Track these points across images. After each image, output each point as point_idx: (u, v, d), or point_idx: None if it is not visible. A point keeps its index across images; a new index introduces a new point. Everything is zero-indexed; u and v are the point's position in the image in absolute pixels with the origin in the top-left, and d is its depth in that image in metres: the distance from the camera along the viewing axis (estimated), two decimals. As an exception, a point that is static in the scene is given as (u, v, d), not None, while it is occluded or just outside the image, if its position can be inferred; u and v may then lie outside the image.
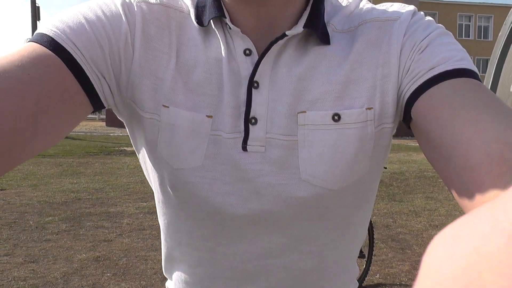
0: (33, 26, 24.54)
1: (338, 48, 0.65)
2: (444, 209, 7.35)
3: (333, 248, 0.74)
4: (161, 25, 0.65)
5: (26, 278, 4.03)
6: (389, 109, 0.64)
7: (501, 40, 3.06)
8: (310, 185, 0.65)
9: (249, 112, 0.64)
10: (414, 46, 0.62)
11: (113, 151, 15.79)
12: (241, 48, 0.64)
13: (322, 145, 0.64)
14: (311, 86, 0.64)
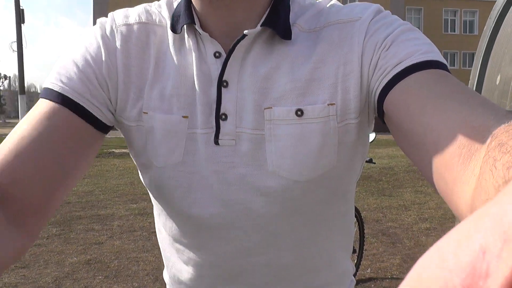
0: (18, 29, 24.30)
1: (302, 48, 0.68)
2: (433, 202, 7.41)
3: (311, 244, 0.78)
4: (141, 44, 0.73)
5: (17, 284, 4.00)
6: (351, 105, 0.67)
7: (486, 34, 3.09)
8: (277, 176, 0.69)
9: (219, 109, 0.69)
10: (377, 44, 0.64)
11: (101, 153, 15.70)
12: (211, 51, 0.70)
13: (287, 138, 0.68)
14: (276, 84, 0.68)
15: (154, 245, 5.07)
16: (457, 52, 43.11)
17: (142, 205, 7.10)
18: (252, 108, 0.69)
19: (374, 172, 9.98)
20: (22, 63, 24.51)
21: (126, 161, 12.94)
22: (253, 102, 0.69)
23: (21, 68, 24.52)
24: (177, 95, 0.71)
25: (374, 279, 4.16)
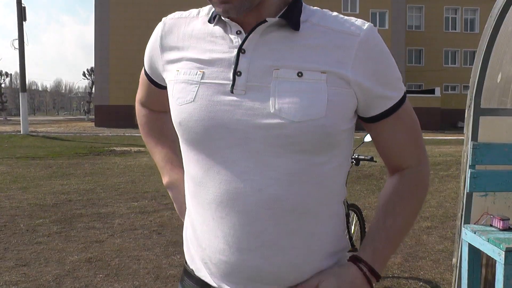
0: (19, 26, 24.29)
1: (307, 37, 0.96)
2: (434, 200, 7.41)
3: (298, 183, 0.95)
4: (176, 33, 1.07)
5: (17, 282, 4.00)
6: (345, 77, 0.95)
7: (487, 32, 3.08)
8: (277, 116, 0.92)
9: (236, 68, 0.95)
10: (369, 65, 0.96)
11: (102, 151, 15.71)
12: (235, 30, 0.97)
13: (288, 91, 0.93)
14: (284, 54, 0.95)
15: (155, 244, 5.07)
16: (458, 50, 43.03)
17: (143, 203, 7.10)
18: (262, 68, 0.95)
19: (375, 170, 9.97)
20: (24, 60, 24.50)
21: (127, 159, 12.95)
22: (264, 64, 0.95)
23: (22, 66, 24.51)
24: (196, 58, 1.01)
25: (375, 277, 4.15)
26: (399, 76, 1.01)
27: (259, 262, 0.97)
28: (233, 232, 0.96)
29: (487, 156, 3.06)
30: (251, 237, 0.96)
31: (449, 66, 43.20)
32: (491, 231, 2.85)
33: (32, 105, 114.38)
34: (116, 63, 36.75)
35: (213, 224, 0.99)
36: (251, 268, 0.97)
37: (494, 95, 3.26)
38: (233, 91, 0.95)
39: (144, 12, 36.95)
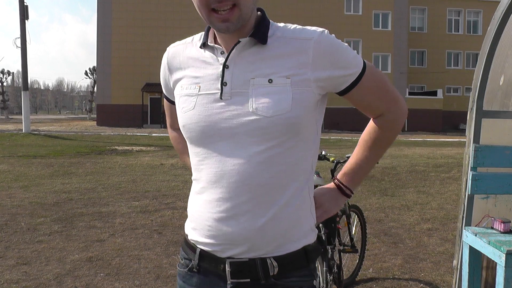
0: (22, 25, 24.32)
1: (274, 48, 1.25)
2: (435, 202, 7.40)
3: (272, 164, 1.22)
4: (178, 57, 1.38)
5: (18, 280, 4.00)
6: (305, 80, 1.23)
7: (490, 35, 3.08)
8: (255, 114, 1.21)
9: (223, 79, 1.25)
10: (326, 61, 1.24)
11: (104, 150, 15.72)
12: (219, 51, 1.28)
13: (262, 94, 1.21)
14: (258, 67, 1.23)
15: (156, 243, 5.07)
16: (460, 52, 42.98)
17: (144, 203, 7.11)
18: (242, 78, 1.24)
19: (377, 172, 9.96)
20: (26, 59, 24.53)
21: (128, 159, 12.96)
22: (243, 75, 1.24)
23: (24, 64, 24.55)
24: (193, 76, 1.31)
25: (376, 279, 4.15)
26: (354, 55, 1.27)
27: (234, 227, 1.23)
28: (218, 203, 1.25)
29: (488, 158, 3.06)
30: (230, 207, 1.23)
31: (452, 68, 43.14)
32: (492, 233, 2.85)
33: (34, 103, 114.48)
34: (118, 62, 36.77)
35: (205, 198, 1.29)
36: (228, 232, 1.24)
37: (497, 98, 3.26)
38: (221, 97, 1.25)
39: (146, 11, 36.97)
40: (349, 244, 3.82)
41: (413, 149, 16.42)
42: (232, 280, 1.26)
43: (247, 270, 1.25)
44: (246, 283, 1.26)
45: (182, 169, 10.45)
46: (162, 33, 36.84)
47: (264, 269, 1.24)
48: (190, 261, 1.36)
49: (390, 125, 1.41)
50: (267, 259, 1.24)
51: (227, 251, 1.26)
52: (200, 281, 1.34)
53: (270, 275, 1.25)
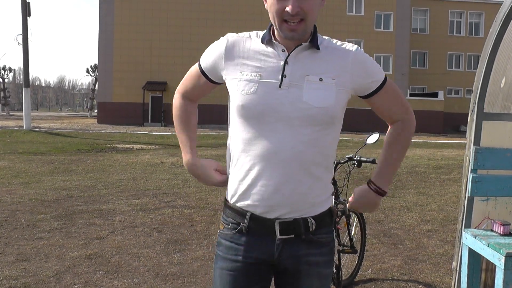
0: (24, 22, 24.32)
1: (323, 54, 1.58)
2: (435, 204, 7.40)
3: (315, 145, 1.55)
4: (237, 45, 1.62)
5: (17, 277, 4.01)
6: (344, 83, 1.57)
7: (492, 37, 3.08)
8: (307, 103, 1.52)
9: (283, 72, 1.54)
10: (359, 69, 1.59)
11: (104, 148, 15.73)
12: (280, 49, 1.57)
13: (313, 89, 1.53)
14: (311, 67, 1.56)
15: (155, 241, 5.08)
16: (462, 54, 42.95)
17: (144, 201, 7.11)
18: (299, 74, 1.55)
19: (377, 172, 9.96)
20: (27, 56, 24.53)
21: (129, 157, 12.96)
22: (300, 72, 1.55)
23: (26, 61, 24.54)
24: (256, 66, 1.58)
25: (375, 280, 4.15)
26: (379, 68, 1.64)
27: (286, 193, 1.55)
28: (272, 174, 1.55)
29: (489, 160, 3.06)
30: (281, 177, 1.54)
31: (453, 70, 43.12)
32: (491, 236, 2.85)
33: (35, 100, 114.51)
34: (120, 60, 36.77)
35: (257, 171, 1.56)
36: (278, 198, 1.55)
37: (498, 100, 3.26)
38: (281, 86, 1.54)
39: (148, 10, 36.95)
40: (349, 244, 3.82)
41: (413, 150, 16.41)
42: (280, 237, 1.58)
43: (292, 227, 1.58)
44: (290, 238, 1.59)
45: (182, 168, 10.45)
46: (164, 31, 36.83)
47: (305, 226, 1.59)
48: (238, 224, 1.62)
49: (406, 130, 1.73)
50: (308, 218, 1.59)
51: (275, 213, 1.57)
52: (249, 239, 1.61)
53: (310, 231, 1.59)
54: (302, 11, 1.48)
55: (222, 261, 1.65)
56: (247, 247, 1.61)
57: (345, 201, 3.78)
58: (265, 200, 1.56)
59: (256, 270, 1.62)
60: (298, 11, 1.48)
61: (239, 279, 1.62)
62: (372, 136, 3.81)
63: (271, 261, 1.61)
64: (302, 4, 1.48)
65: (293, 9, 1.47)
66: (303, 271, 1.61)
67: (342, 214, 3.72)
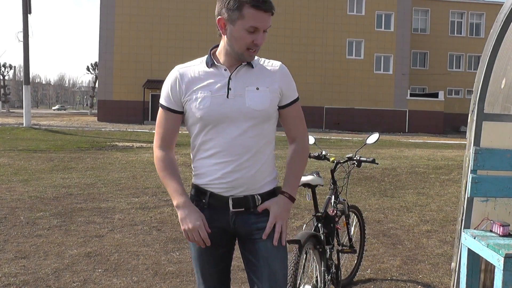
0: (24, 19, 24.31)
1: (257, 71, 2.06)
2: (435, 204, 7.40)
3: (258, 137, 2.01)
4: (188, 75, 2.04)
5: (16, 274, 4.01)
6: (275, 90, 2.05)
7: (492, 37, 3.07)
8: (249, 108, 1.98)
9: (228, 85, 2.00)
10: (284, 81, 2.09)
11: (104, 146, 15.73)
12: (222, 69, 2.03)
13: (253, 96, 2.00)
14: (249, 80, 2.02)
15: (155, 240, 5.08)
16: (462, 55, 42.95)
17: (143, 199, 7.11)
18: (240, 86, 2.00)
19: (377, 172, 9.96)
20: (28, 53, 24.51)
21: (128, 155, 12.96)
22: (241, 84, 2.01)
23: (26, 58, 24.53)
24: (207, 85, 2.00)
25: (374, 280, 4.15)
26: (295, 87, 2.12)
27: (238, 176, 2.00)
28: (227, 162, 2.00)
29: (489, 161, 3.06)
30: (235, 164, 1.99)
31: (454, 70, 43.13)
32: (491, 236, 2.85)
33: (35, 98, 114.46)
34: (120, 58, 36.76)
35: (216, 160, 2.01)
36: (234, 179, 2.00)
37: (498, 101, 3.26)
38: (228, 97, 1.98)
39: (149, 7, 36.93)
40: (348, 244, 3.82)
41: (413, 150, 16.42)
42: (233, 210, 2.04)
43: (243, 202, 2.03)
44: (241, 211, 2.04)
45: (182, 167, 10.45)
46: (165, 29, 36.81)
47: (253, 202, 2.04)
48: (201, 201, 2.07)
49: (304, 147, 2.17)
50: (255, 195, 2.04)
51: (230, 192, 2.02)
52: (210, 212, 2.06)
53: (257, 205, 2.04)
54: (260, 43, 1.98)
55: None
56: (209, 218, 2.04)
57: (345, 201, 3.79)
58: (222, 184, 2.02)
59: (220, 236, 2.07)
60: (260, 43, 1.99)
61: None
62: (372, 136, 3.81)
63: (229, 229, 2.07)
64: (263, 39, 1.98)
65: (260, 42, 1.96)
66: (256, 235, 2.04)
67: (342, 214, 3.72)
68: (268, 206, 2.04)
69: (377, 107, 37.81)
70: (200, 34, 36.15)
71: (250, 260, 2.06)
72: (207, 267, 2.12)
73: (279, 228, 2.02)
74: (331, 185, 3.73)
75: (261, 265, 2.03)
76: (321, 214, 3.39)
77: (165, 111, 2.08)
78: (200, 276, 2.15)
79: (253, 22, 1.90)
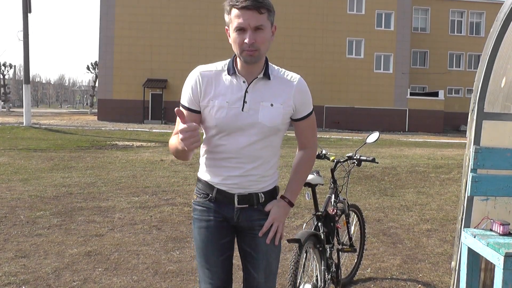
0: (24, 18, 24.30)
1: (274, 83, 2.13)
2: (435, 203, 7.40)
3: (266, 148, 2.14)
4: (208, 80, 2.12)
5: (17, 273, 4.01)
6: (289, 106, 2.14)
7: (493, 36, 3.07)
8: (261, 123, 2.08)
9: (245, 99, 2.08)
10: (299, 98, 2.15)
11: (104, 145, 15.73)
12: (241, 80, 2.10)
13: (266, 112, 2.09)
14: (265, 95, 2.11)
15: (155, 239, 5.08)
16: (462, 54, 42.93)
17: (143, 199, 7.11)
18: (256, 101, 2.08)
19: (377, 171, 9.96)
20: (28, 52, 24.51)
21: (128, 154, 12.95)
22: (256, 99, 2.09)
23: (26, 58, 24.53)
24: (226, 96, 2.09)
25: (374, 279, 4.15)
26: (311, 101, 2.22)
27: (243, 180, 2.15)
28: (236, 167, 2.13)
29: (489, 160, 3.06)
30: (243, 170, 2.13)
31: (454, 69, 43.10)
32: (491, 235, 2.85)
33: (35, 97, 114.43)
34: (121, 57, 36.75)
35: (226, 164, 2.14)
36: (239, 183, 2.15)
37: (498, 100, 3.26)
38: (243, 110, 2.07)
39: (149, 7, 36.91)
40: (348, 243, 3.82)
41: (413, 149, 16.42)
42: (238, 206, 2.18)
43: (247, 199, 2.18)
44: (246, 207, 2.18)
45: (182, 166, 10.45)
46: (165, 29, 36.79)
47: (256, 199, 2.18)
48: (208, 195, 2.21)
49: (311, 156, 2.32)
50: (259, 193, 2.19)
51: (236, 191, 2.17)
52: (216, 205, 2.21)
53: (260, 202, 2.19)
54: (256, 42, 1.98)
55: (199, 222, 2.23)
56: (216, 209, 2.20)
57: (345, 200, 3.79)
58: (227, 184, 2.17)
59: (225, 226, 2.21)
60: (253, 42, 1.97)
61: (214, 232, 2.21)
62: (372, 135, 3.81)
63: (233, 222, 2.21)
64: (256, 37, 1.98)
65: (249, 40, 1.96)
66: (256, 230, 2.19)
67: (342, 213, 3.72)
68: (270, 207, 2.20)
69: (377, 106, 37.80)
70: (200, 33, 36.14)
71: (249, 253, 2.22)
72: (212, 256, 2.20)
73: (275, 228, 2.19)
74: (331, 184, 3.73)
75: (259, 258, 2.21)
76: (321, 213, 3.39)
77: (184, 109, 2.13)
78: (206, 268, 2.22)
79: (237, 21, 1.96)
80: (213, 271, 2.21)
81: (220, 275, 2.22)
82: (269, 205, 2.21)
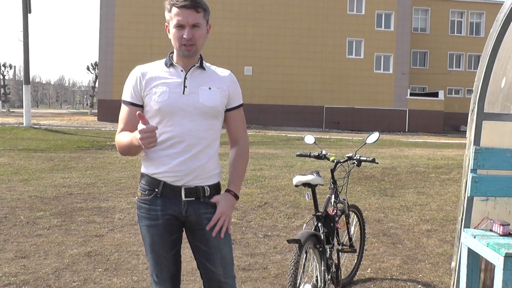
0: (24, 19, 24.30)
1: (209, 72, 2.37)
2: (435, 204, 7.40)
3: (207, 131, 2.28)
4: (148, 73, 2.32)
5: (17, 273, 4.01)
6: (224, 91, 2.35)
7: (493, 37, 3.07)
8: (202, 104, 2.26)
9: (184, 84, 2.28)
10: (232, 87, 2.40)
11: (104, 145, 15.72)
12: (179, 69, 2.31)
13: (205, 94, 2.28)
14: (202, 80, 2.31)
15: (155, 239, 5.07)
16: (462, 54, 42.91)
17: (143, 199, 7.09)
18: (195, 85, 2.28)
19: (377, 172, 9.96)
20: (28, 53, 24.51)
21: (128, 154, 12.93)
22: (195, 84, 2.29)
23: (26, 58, 24.52)
24: (165, 82, 2.28)
25: (374, 279, 4.15)
26: (241, 95, 2.43)
27: (190, 165, 2.23)
28: (180, 153, 2.23)
29: (489, 160, 3.06)
30: (187, 154, 2.23)
31: (454, 69, 43.07)
32: (491, 236, 2.85)
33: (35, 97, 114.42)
34: (120, 58, 36.74)
35: (169, 151, 2.23)
36: (184, 169, 2.23)
37: (498, 100, 3.26)
38: (184, 93, 2.24)
39: (149, 7, 36.92)
40: (348, 243, 3.82)
41: (413, 150, 16.42)
42: (185, 199, 2.26)
43: (194, 192, 2.26)
44: (192, 200, 2.26)
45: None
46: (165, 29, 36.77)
47: (203, 192, 2.28)
48: (153, 190, 2.27)
49: (245, 147, 2.45)
50: (204, 187, 2.28)
51: (181, 181, 2.24)
52: (162, 201, 2.27)
53: (206, 195, 2.28)
54: (194, 38, 2.21)
55: (146, 220, 2.30)
56: (163, 207, 2.26)
57: (345, 200, 3.79)
58: (174, 172, 2.23)
59: (173, 224, 2.30)
60: (191, 37, 2.20)
61: (162, 231, 2.29)
62: (372, 135, 3.81)
63: (181, 218, 2.29)
64: (194, 33, 2.21)
65: (187, 35, 2.19)
66: (204, 224, 2.28)
67: (342, 214, 3.72)
68: (217, 200, 2.30)
69: (377, 106, 37.79)
70: (200, 33, 36.10)
71: (201, 248, 2.33)
72: (162, 252, 2.33)
73: (221, 222, 2.28)
74: (331, 184, 3.73)
75: (213, 252, 2.30)
76: (321, 213, 3.39)
77: (127, 105, 2.29)
78: (155, 262, 2.35)
79: (177, 18, 2.19)
80: (164, 265, 2.35)
81: (170, 267, 2.38)
82: (216, 197, 2.31)
